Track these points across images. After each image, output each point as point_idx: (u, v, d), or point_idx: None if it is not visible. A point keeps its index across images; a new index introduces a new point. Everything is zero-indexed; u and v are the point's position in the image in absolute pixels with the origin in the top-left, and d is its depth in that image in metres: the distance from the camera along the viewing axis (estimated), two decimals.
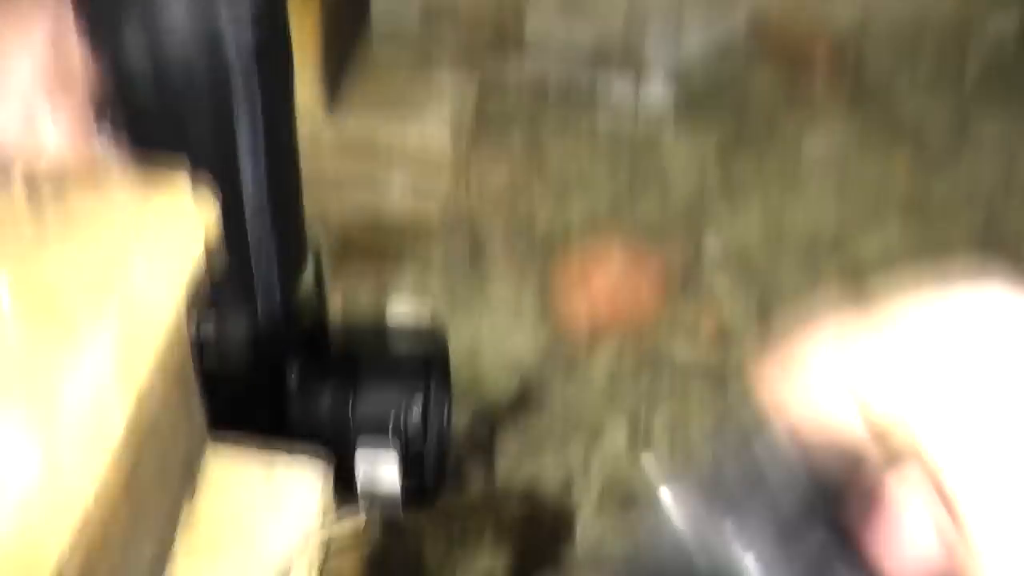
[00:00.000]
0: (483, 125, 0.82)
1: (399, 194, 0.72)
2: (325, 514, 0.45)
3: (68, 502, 0.28)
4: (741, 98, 0.93)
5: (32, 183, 0.33)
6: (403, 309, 0.56)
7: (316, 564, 0.44)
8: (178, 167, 0.34)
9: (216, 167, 0.37)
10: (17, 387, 0.26)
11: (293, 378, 0.52)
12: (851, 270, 0.76)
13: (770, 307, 0.71)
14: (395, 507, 0.55)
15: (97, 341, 0.28)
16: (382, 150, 0.74)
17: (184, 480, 0.44)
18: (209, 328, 0.47)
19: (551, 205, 0.78)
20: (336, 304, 0.64)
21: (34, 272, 0.30)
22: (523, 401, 0.70)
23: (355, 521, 0.44)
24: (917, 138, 0.93)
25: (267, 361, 0.50)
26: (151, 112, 0.40)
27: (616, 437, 0.71)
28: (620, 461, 0.71)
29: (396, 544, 0.68)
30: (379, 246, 0.73)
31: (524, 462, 0.69)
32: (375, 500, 0.57)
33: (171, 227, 0.32)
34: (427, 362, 0.52)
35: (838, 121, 0.92)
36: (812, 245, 0.82)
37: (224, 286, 0.46)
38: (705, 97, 0.92)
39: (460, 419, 0.59)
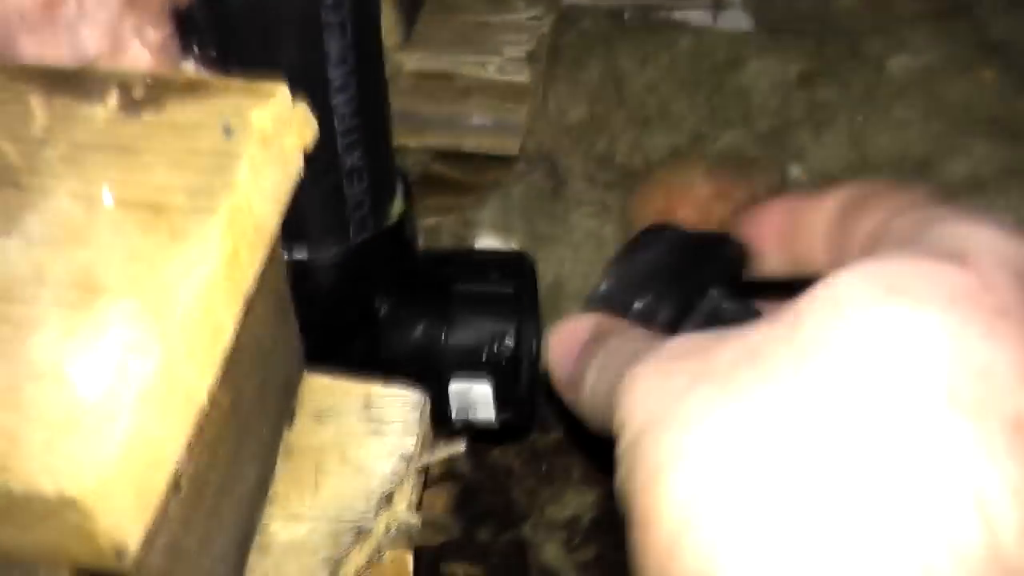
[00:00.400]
0: (560, 57, 0.80)
1: (477, 128, 0.71)
2: (424, 442, 0.45)
3: (185, 401, 0.27)
4: (824, 21, 0.89)
5: (127, 92, 0.32)
6: (487, 243, 0.55)
7: (417, 491, 0.44)
8: (275, 80, 0.33)
9: (306, 84, 0.36)
10: (130, 283, 0.26)
11: (384, 309, 0.51)
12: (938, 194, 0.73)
13: None
14: (489, 440, 0.55)
15: (205, 245, 0.28)
16: (459, 84, 0.73)
17: (283, 405, 0.44)
18: (301, 253, 0.46)
19: (631, 136, 0.77)
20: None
21: (135, 176, 0.29)
22: None
23: (453, 448, 0.44)
24: (1005, 57, 0.89)
25: (358, 290, 0.50)
26: (238, 24, 0.39)
27: None
28: None
29: (485, 480, 0.68)
30: (459, 181, 0.72)
31: None
32: (469, 432, 0.56)
33: (272, 138, 0.32)
34: (518, 293, 0.51)
35: (924, 41, 0.88)
36: (898, 169, 0.79)
37: (315, 210, 0.46)
38: (787, 21, 0.89)
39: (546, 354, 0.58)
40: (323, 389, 0.46)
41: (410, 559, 0.43)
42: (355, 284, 0.49)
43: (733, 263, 0.36)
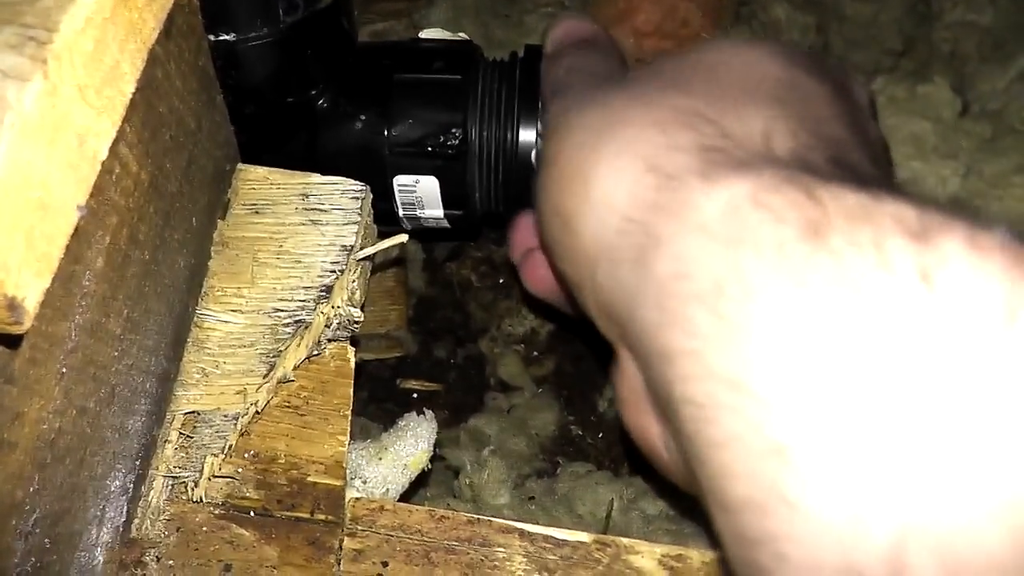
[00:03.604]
0: None
1: None
2: (365, 233, 0.43)
3: (79, 144, 0.25)
4: None
5: None
6: (435, 35, 0.52)
7: (360, 284, 0.43)
8: None
9: None
10: (9, 11, 0.23)
11: (322, 102, 0.48)
12: None
13: (829, 33, 0.66)
14: (439, 232, 0.53)
15: None
16: None
17: (215, 195, 0.41)
18: (228, 35, 0.43)
19: None
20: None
21: None
22: None
23: (396, 239, 0.42)
24: None
25: (290, 79, 0.47)
26: None
27: None
28: None
29: (441, 295, 0.67)
30: None
31: None
32: (420, 235, 0.55)
33: None
34: (464, 81, 0.48)
35: None
36: None
37: None
38: None
39: None
40: (259, 181, 0.44)
41: (352, 352, 0.41)
42: (287, 71, 0.46)
43: None
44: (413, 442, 0.43)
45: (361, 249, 0.42)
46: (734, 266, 0.25)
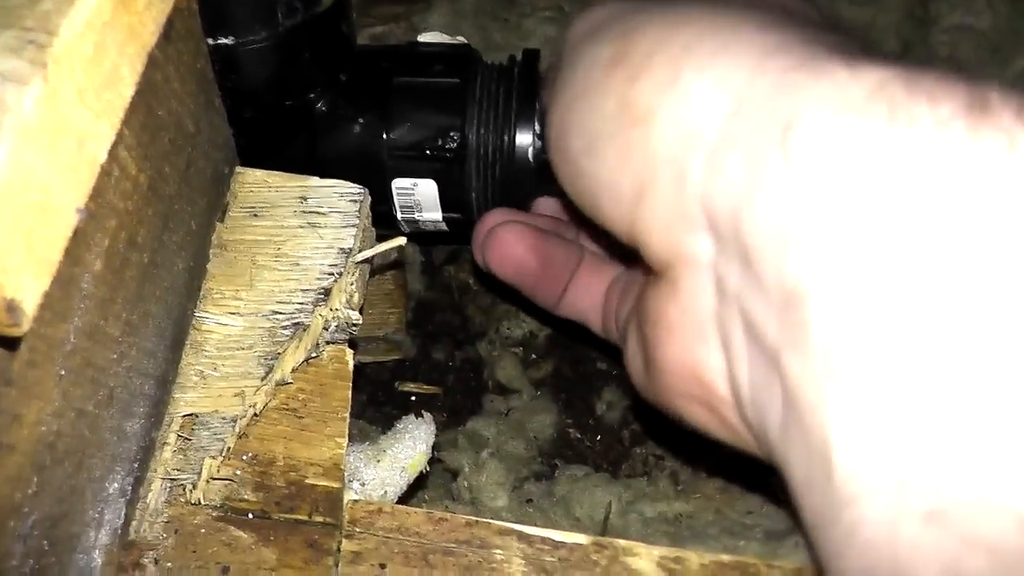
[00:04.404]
0: None
1: None
2: (363, 236, 0.43)
3: (78, 147, 0.25)
4: None
5: None
6: (434, 39, 0.52)
7: (358, 287, 0.43)
8: None
9: None
10: (9, 15, 0.23)
11: (320, 105, 0.48)
12: None
13: None
14: (438, 235, 0.53)
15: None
16: None
17: (214, 197, 0.41)
18: (227, 38, 0.43)
19: None
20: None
21: None
22: None
23: (394, 242, 0.42)
24: None
25: (289, 82, 0.47)
26: None
27: None
28: None
29: (439, 298, 0.67)
30: None
31: None
32: (419, 237, 0.55)
33: None
34: (463, 84, 0.48)
35: None
36: None
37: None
38: None
39: None
40: (258, 184, 0.44)
41: (350, 355, 0.42)
42: (285, 75, 0.46)
43: None
44: (411, 444, 0.43)
45: (359, 252, 0.42)
46: (893, 145, 0.25)
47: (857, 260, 0.25)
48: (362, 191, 0.42)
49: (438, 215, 0.50)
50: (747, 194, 0.28)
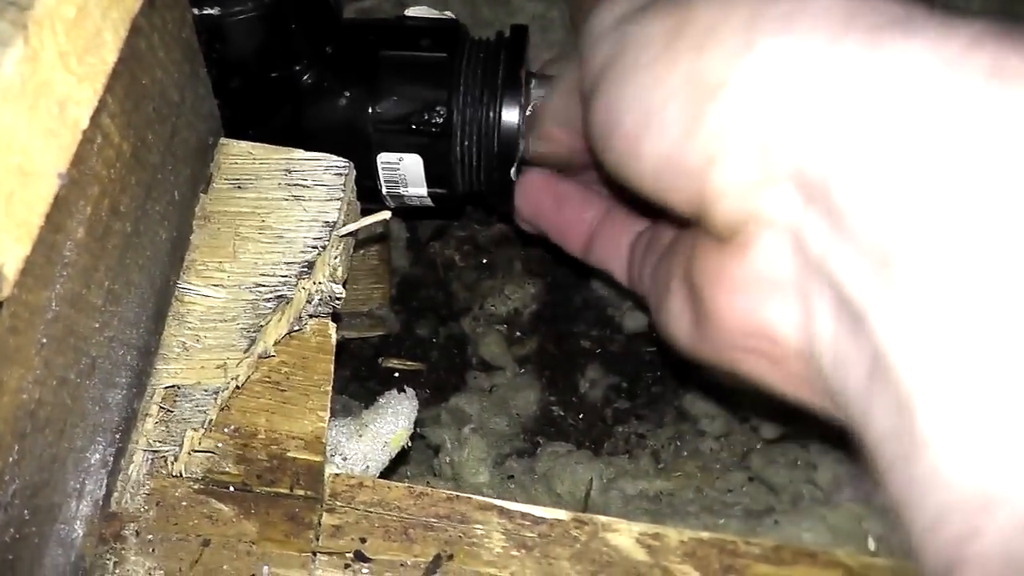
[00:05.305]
0: None
1: None
2: (348, 209, 0.43)
3: (59, 111, 0.25)
4: None
5: None
6: (422, 13, 0.52)
7: (342, 261, 0.42)
8: None
9: None
10: None
11: (306, 78, 0.48)
12: None
13: None
14: (423, 211, 0.53)
15: None
16: None
17: (198, 169, 0.41)
18: (212, 8, 0.43)
19: None
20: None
21: None
22: None
23: (379, 216, 0.41)
24: None
25: (275, 54, 0.47)
26: None
27: None
28: None
29: (424, 274, 0.67)
30: None
31: None
32: (403, 212, 0.55)
33: None
34: (450, 59, 0.48)
35: None
36: None
37: None
38: None
39: None
40: (242, 155, 0.43)
41: (333, 329, 0.41)
42: (271, 46, 0.46)
43: None
44: (393, 420, 0.43)
45: (344, 225, 0.42)
46: (994, 102, 0.25)
47: (958, 220, 0.25)
48: (347, 164, 0.42)
49: (423, 190, 0.50)
50: (843, 154, 0.28)
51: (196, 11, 0.41)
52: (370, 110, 0.48)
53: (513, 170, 0.50)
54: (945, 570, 0.25)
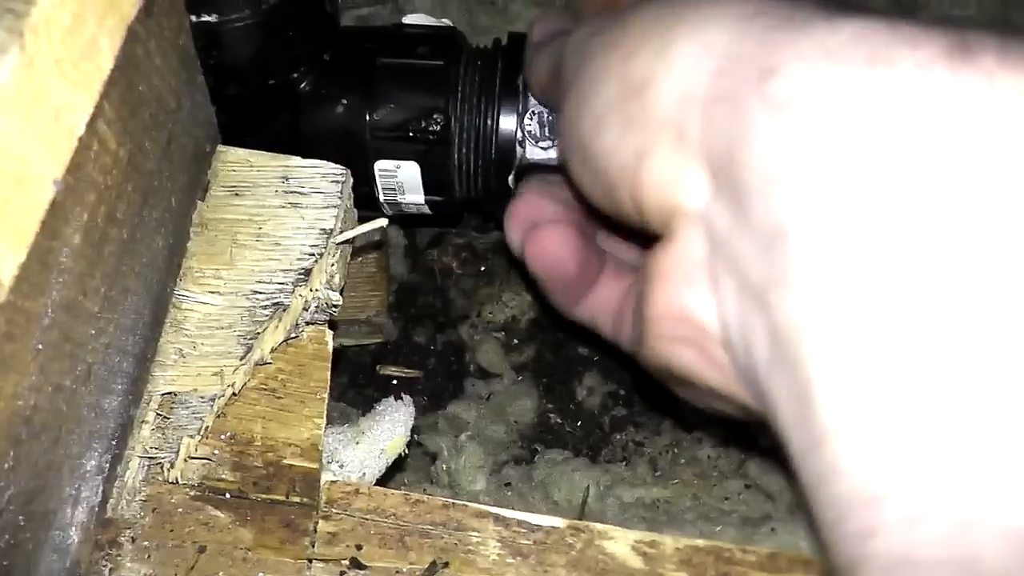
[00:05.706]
0: None
1: None
2: (345, 217, 0.43)
3: (55, 119, 0.25)
4: None
5: None
6: (419, 21, 0.52)
7: (339, 268, 0.42)
8: None
9: None
10: None
11: (303, 85, 0.48)
12: None
13: None
14: (420, 218, 0.53)
15: None
16: None
17: (194, 176, 0.41)
18: (210, 16, 0.43)
19: None
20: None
21: None
22: None
23: (375, 224, 0.42)
24: None
25: (272, 61, 0.47)
26: None
27: None
28: None
29: (422, 281, 0.67)
30: None
31: None
32: (401, 220, 0.55)
33: None
34: (447, 67, 0.48)
35: None
36: None
37: None
38: None
39: None
40: (240, 163, 0.43)
41: (330, 336, 0.41)
42: (269, 53, 0.46)
43: None
44: (390, 427, 0.43)
45: (341, 233, 0.42)
46: (872, 85, 0.26)
47: (839, 196, 0.26)
48: (344, 172, 0.42)
49: (420, 198, 0.50)
50: (736, 139, 0.29)
51: (193, 18, 0.41)
52: (367, 117, 0.48)
53: (511, 177, 0.50)
54: (849, 568, 0.25)
